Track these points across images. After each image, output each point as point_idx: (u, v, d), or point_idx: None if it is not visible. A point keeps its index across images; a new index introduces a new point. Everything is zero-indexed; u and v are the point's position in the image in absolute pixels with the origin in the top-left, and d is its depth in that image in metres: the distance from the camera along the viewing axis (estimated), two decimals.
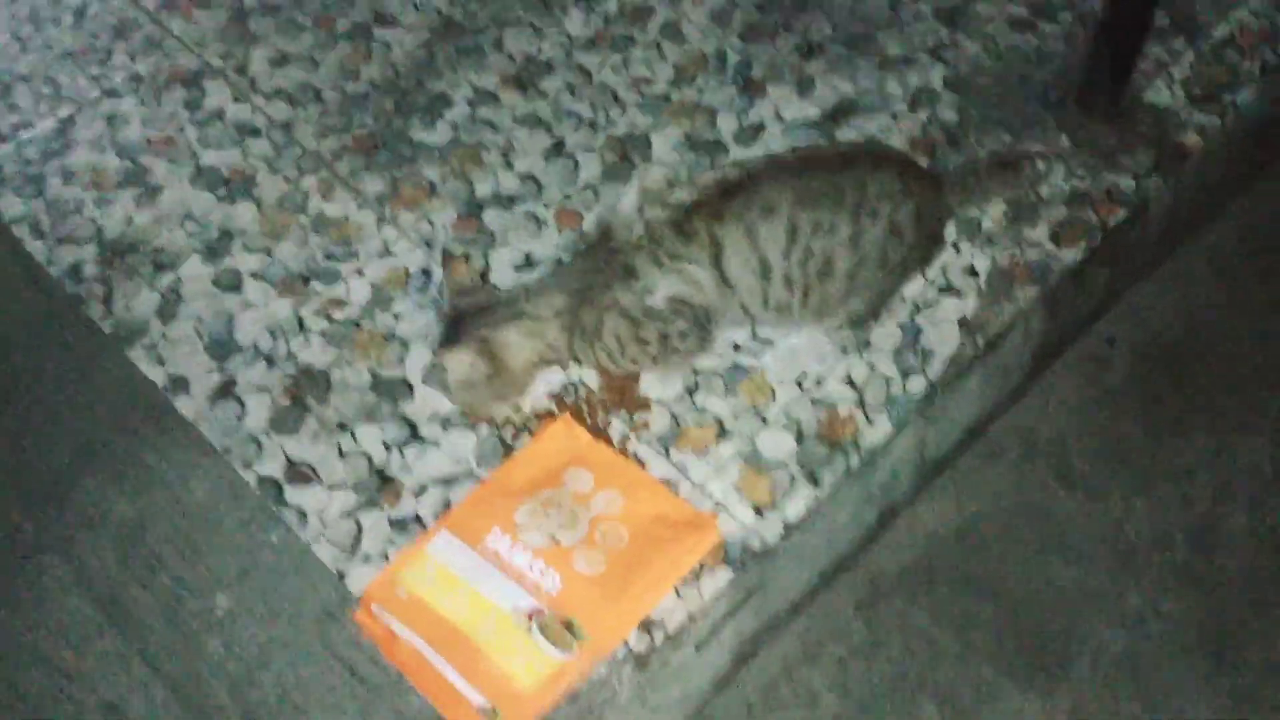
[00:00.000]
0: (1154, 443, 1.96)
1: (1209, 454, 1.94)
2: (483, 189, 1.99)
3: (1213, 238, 2.18)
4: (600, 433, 1.69)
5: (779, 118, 2.04)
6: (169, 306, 1.89)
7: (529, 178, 2.00)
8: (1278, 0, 2.14)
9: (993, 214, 1.88)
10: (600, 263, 1.59)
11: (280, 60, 2.21)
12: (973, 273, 1.82)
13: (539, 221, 1.94)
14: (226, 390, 1.79)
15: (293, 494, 1.68)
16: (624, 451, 1.67)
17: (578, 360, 1.67)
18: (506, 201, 1.97)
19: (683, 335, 1.61)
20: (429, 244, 1.92)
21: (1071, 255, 1.84)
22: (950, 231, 1.84)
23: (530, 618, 1.49)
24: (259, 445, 1.73)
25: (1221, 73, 2.05)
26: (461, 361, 1.59)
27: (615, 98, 2.10)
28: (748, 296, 1.59)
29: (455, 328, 1.61)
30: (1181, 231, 2.14)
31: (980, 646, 1.78)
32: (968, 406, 1.85)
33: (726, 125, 2.04)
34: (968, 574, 1.84)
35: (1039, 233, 1.86)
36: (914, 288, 1.80)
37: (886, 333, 1.76)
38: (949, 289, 1.80)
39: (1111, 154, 1.95)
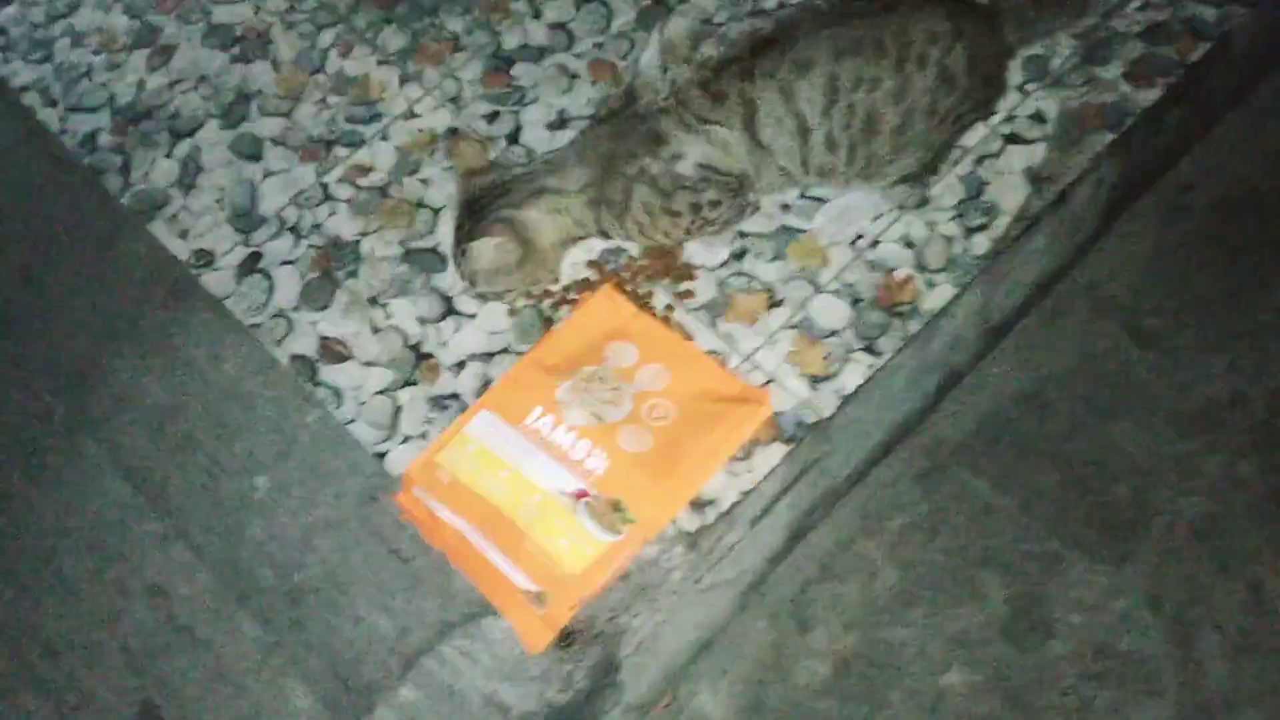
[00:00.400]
0: (1231, 297, 1.84)
1: None
2: (510, 41, 1.86)
3: None
4: (643, 303, 1.60)
5: None
6: (189, 176, 1.80)
7: (559, 27, 1.86)
8: None
9: (1061, 52, 1.73)
10: (625, 129, 1.48)
11: None
12: (1040, 119, 1.68)
13: (570, 75, 1.81)
14: (253, 264, 1.71)
15: (327, 372, 1.63)
16: (668, 322, 1.59)
17: (605, 235, 1.57)
18: (536, 54, 1.84)
19: (713, 204, 1.50)
20: (455, 102, 1.81)
21: (1147, 96, 1.70)
22: (1013, 73, 1.70)
23: (576, 499, 1.44)
24: (289, 322, 1.67)
25: None
26: (488, 246, 1.49)
27: None
28: (786, 159, 1.47)
29: (474, 212, 1.51)
30: (1266, 66, 1.98)
31: (1046, 516, 1.71)
32: (1034, 264, 1.74)
33: None
34: (1033, 440, 1.76)
35: (1112, 71, 1.71)
36: (975, 136, 1.67)
37: (946, 186, 1.64)
38: (1014, 137, 1.67)
39: None
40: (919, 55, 1.43)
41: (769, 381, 1.53)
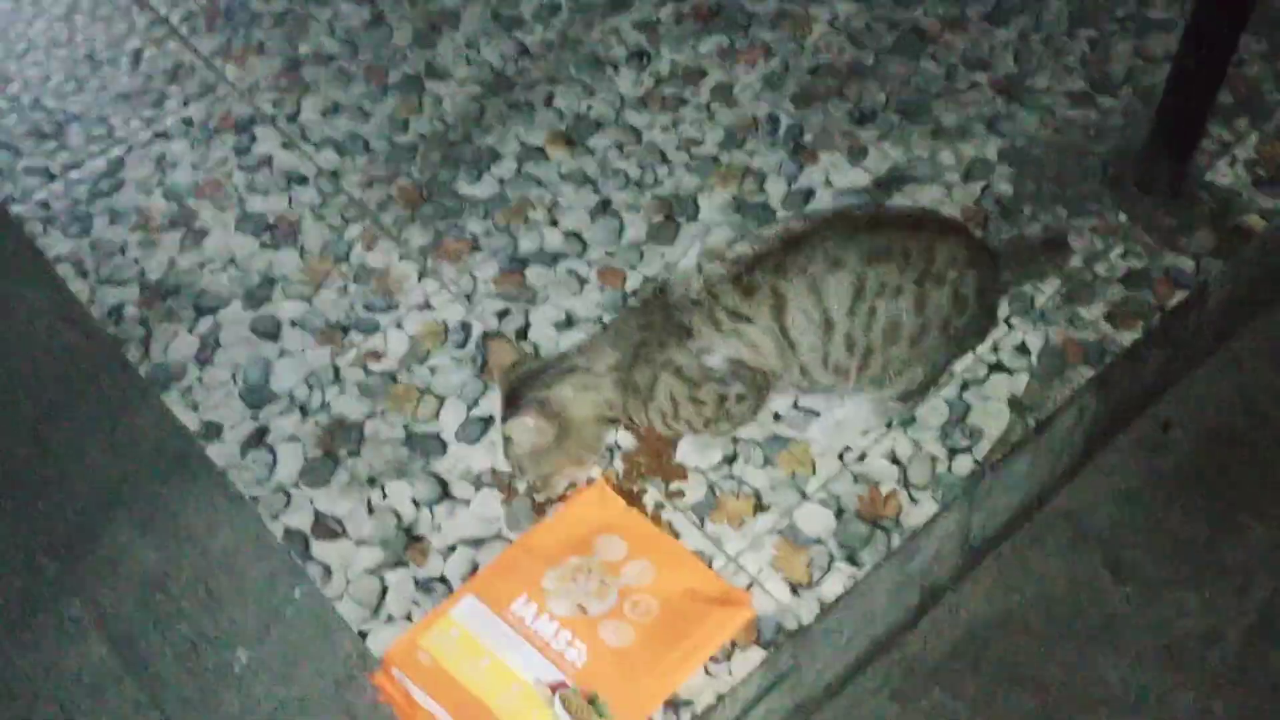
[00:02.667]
0: (1209, 534, 1.88)
1: (1265, 548, 1.86)
2: (526, 244, 1.97)
3: (1274, 322, 2.11)
4: (634, 499, 1.65)
5: (829, 183, 2.00)
6: (207, 351, 1.88)
7: (573, 235, 1.97)
8: None
9: (1046, 290, 1.83)
10: (655, 319, 1.55)
11: (331, 109, 2.21)
12: (1024, 350, 1.77)
13: (581, 280, 1.91)
14: (259, 439, 1.77)
15: (319, 548, 1.65)
16: (658, 520, 1.63)
17: (631, 421, 1.62)
18: (550, 258, 1.94)
19: (740, 398, 1.55)
20: (469, 298, 1.90)
21: (1128, 336, 1.79)
22: (1003, 307, 1.80)
23: (554, 690, 1.44)
24: (288, 496, 1.71)
25: None
26: (525, 426, 1.52)
27: (664, 157, 2.07)
28: (808, 355, 1.53)
29: (511, 402, 1.56)
30: (1241, 315, 2.07)
31: None
32: (1016, 489, 1.79)
33: (775, 189, 2.01)
34: (1010, 665, 1.77)
35: (1094, 312, 1.81)
36: (963, 363, 1.75)
37: (933, 408, 1.71)
38: (999, 366, 1.75)
39: (1170, 234, 1.90)
40: (938, 274, 1.52)
41: (751, 584, 1.56)
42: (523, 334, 1.85)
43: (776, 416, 1.71)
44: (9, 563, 1.74)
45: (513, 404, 1.55)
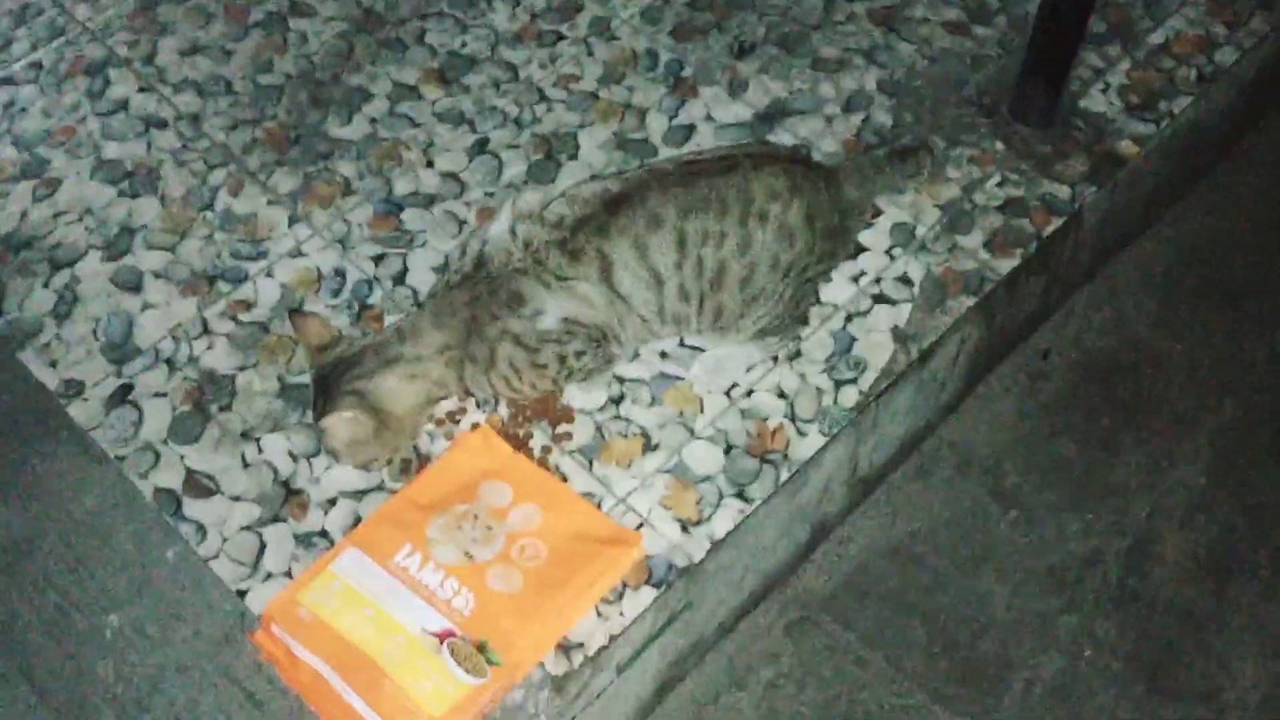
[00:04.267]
0: (1087, 459, 1.92)
1: (1142, 471, 1.90)
2: (402, 187, 1.90)
3: (1148, 248, 2.15)
4: (520, 444, 1.61)
5: (710, 118, 1.97)
6: (64, 306, 1.78)
7: (450, 176, 1.91)
8: (1213, 8, 2.11)
9: (925, 220, 1.83)
10: (481, 292, 1.51)
11: (190, 49, 2.10)
12: (906, 281, 1.77)
13: (460, 221, 1.86)
14: (123, 395, 1.69)
15: (191, 507, 1.59)
16: (545, 464, 1.60)
17: (469, 394, 1.59)
18: (426, 200, 1.88)
19: (578, 354, 1.54)
20: (343, 244, 1.83)
21: (1006, 265, 1.80)
22: (881, 238, 1.80)
23: (440, 639, 1.41)
24: (156, 454, 1.63)
25: (1158, 80, 2.02)
26: (341, 421, 1.48)
27: (541, 95, 2.02)
28: (643, 309, 1.53)
29: (325, 388, 1.51)
30: (1116, 242, 2.11)
31: (912, 670, 1.72)
32: (901, 420, 1.79)
33: (656, 125, 1.97)
34: (900, 594, 1.79)
35: (973, 241, 1.81)
36: (845, 294, 1.74)
37: (817, 341, 1.70)
38: (882, 298, 1.75)
39: (1046, 161, 1.91)
40: (759, 212, 1.51)
41: (641, 525, 1.54)
42: (400, 279, 1.79)
43: (663, 355, 1.69)
44: None
45: (326, 392, 1.50)
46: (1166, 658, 1.74)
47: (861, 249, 1.79)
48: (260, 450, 1.63)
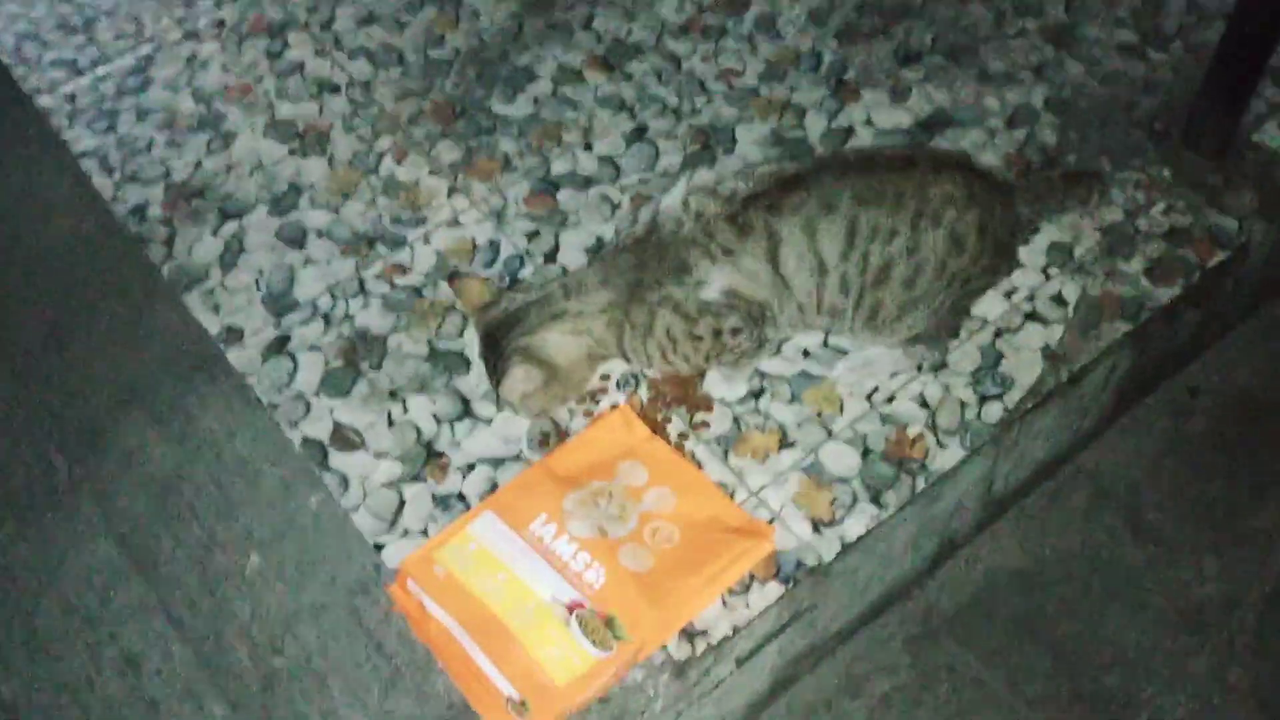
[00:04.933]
0: (1231, 501, 1.86)
1: None
2: (559, 167, 1.93)
3: None
4: (658, 428, 1.63)
5: (869, 123, 1.96)
6: (231, 255, 1.85)
7: (607, 160, 1.94)
8: None
9: (1085, 241, 1.80)
10: (649, 257, 1.52)
11: (366, 19, 2.17)
12: (1061, 301, 1.74)
13: (613, 205, 1.88)
14: (280, 346, 1.74)
15: (337, 458, 1.63)
16: (681, 450, 1.61)
17: (626, 358, 1.60)
18: (582, 182, 1.91)
19: (735, 331, 1.53)
20: (499, 217, 1.87)
21: (1166, 293, 1.75)
22: (1037, 256, 1.77)
23: (570, 610, 1.43)
24: (307, 405, 1.68)
25: None
26: (514, 379, 1.53)
27: (702, 86, 2.03)
28: (803, 296, 1.52)
29: (492, 345, 1.55)
30: (1278, 282, 2.04)
31: (1032, 697, 1.69)
32: (1041, 442, 1.76)
33: (815, 125, 1.97)
34: (1025, 620, 1.75)
35: (1134, 266, 1.77)
36: (997, 310, 1.72)
37: (965, 354, 1.68)
38: (1034, 316, 1.72)
39: (1215, 192, 1.86)
40: (934, 214, 1.48)
41: (773, 520, 1.54)
42: (551, 256, 1.82)
43: (806, 353, 1.69)
44: (21, 457, 1.72)
45: (494, 347, 1.54)
46: None
47: (1016, 265, 1.76)
48: (406, 410, 1.67)
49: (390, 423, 1.66)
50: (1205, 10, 2.11)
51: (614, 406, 1.65)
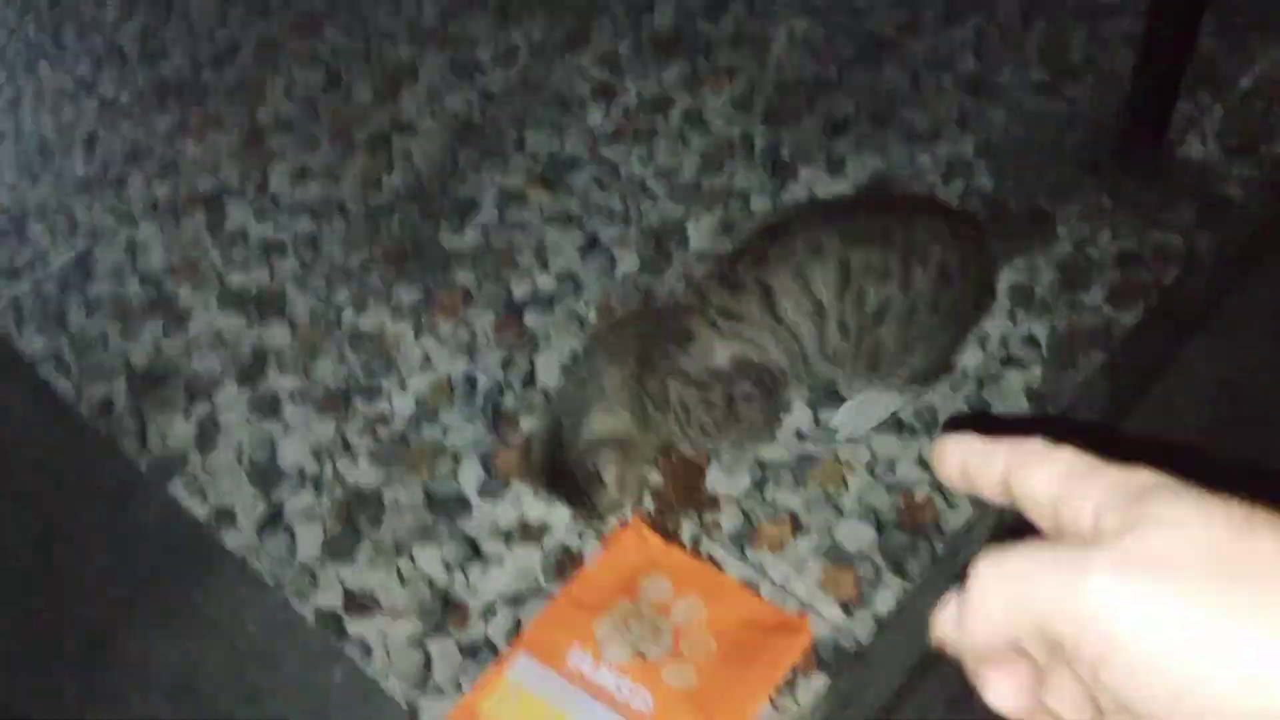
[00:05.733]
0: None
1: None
2: (520, 290, 1.94)
3: (1262, 290, 2.13)
4: (671, 536, 1.62)
5: (813, 196, 2.00)
6: (206, 436, 1.82)
7: (566, 276, 1.95)
8: None
9: (1044, 280, 1.84)
10: (649, 329, 1.53)
11: (300, 175, 2.17)
12: (1034, 342, 1.77)
13: (580, 319, 1.89)
14: (274, 520, 1.71)
15: (354, 625, 1.60)
16: (698, 554, 1.60)
17: (652, 432, 1.59)
18: (546, 301, 1.92)
19: (748, 397, 1.53)
20: (470, 351, 1.86)
21: (1129, 316, 1.80)
22: (1005, 300, 1.81)
23: None
24: (313, 576, 1.65)
25: (1252, 122, 2.03)
26: (605, 463, 1.53)
27: (644, 188, 2.06)
28: (807, 341, 1.51)
29: (561, 473, 1.55)
30: (1227, 285, 2.10)
31: None
32: None
33: (761, 207, 2.00)
34: None
35: (1094, 297, 1.82)
36: (975, 361, 1.75)
37: (954, 409, 1.70)
38: (1010, 360, 1.76)
39: (1155, 212, 1.92)
40: (922, 252, 1.50)
41: (803, 609, 1.54)
42: (529, 381, 1.82)
43: (800, 436, 1.70)
44: (23, 688, 1.67)
45: (562, 473, 1.54)
46: None
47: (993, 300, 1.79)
48: (414, 563, 1.65)
49: (401, 579, 1.64)
50: (1106, 38, 2.19)
51: (622, 522, 1.64)
